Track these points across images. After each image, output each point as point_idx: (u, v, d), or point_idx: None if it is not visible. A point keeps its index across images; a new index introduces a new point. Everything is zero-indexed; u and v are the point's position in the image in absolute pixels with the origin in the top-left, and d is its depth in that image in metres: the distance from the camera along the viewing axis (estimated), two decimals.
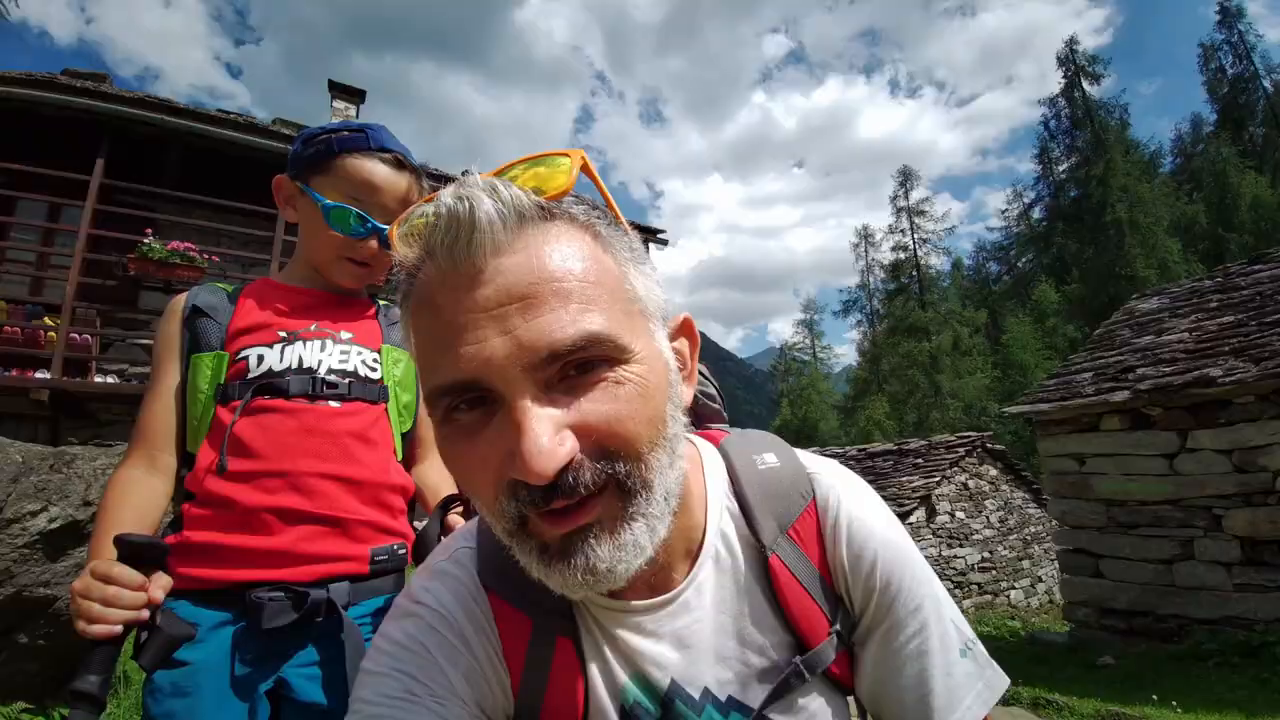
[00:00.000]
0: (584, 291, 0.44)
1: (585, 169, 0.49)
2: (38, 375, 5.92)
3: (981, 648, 0.61)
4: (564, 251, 0.45)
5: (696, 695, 0.56)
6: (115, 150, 6.67)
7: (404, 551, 1.03)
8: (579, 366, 0.43)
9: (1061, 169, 36.73)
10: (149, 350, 7.14)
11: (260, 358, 0.99)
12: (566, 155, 0.49)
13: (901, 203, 41.13)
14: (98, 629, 0.73)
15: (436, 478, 1.13)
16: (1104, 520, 6.35)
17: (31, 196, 6.33)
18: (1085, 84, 36.16)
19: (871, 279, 43.19)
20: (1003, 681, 0.60)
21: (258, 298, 1.06)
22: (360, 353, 1.06)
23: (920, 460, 11.68)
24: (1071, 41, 36.83)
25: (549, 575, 0.46)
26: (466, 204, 0.43)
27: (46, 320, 6.17)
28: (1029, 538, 11.98)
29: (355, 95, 10.81)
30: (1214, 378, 5.54)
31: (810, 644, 0.57)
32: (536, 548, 0.46)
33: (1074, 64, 36.51)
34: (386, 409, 1.06)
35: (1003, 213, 41.33)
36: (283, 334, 1.02)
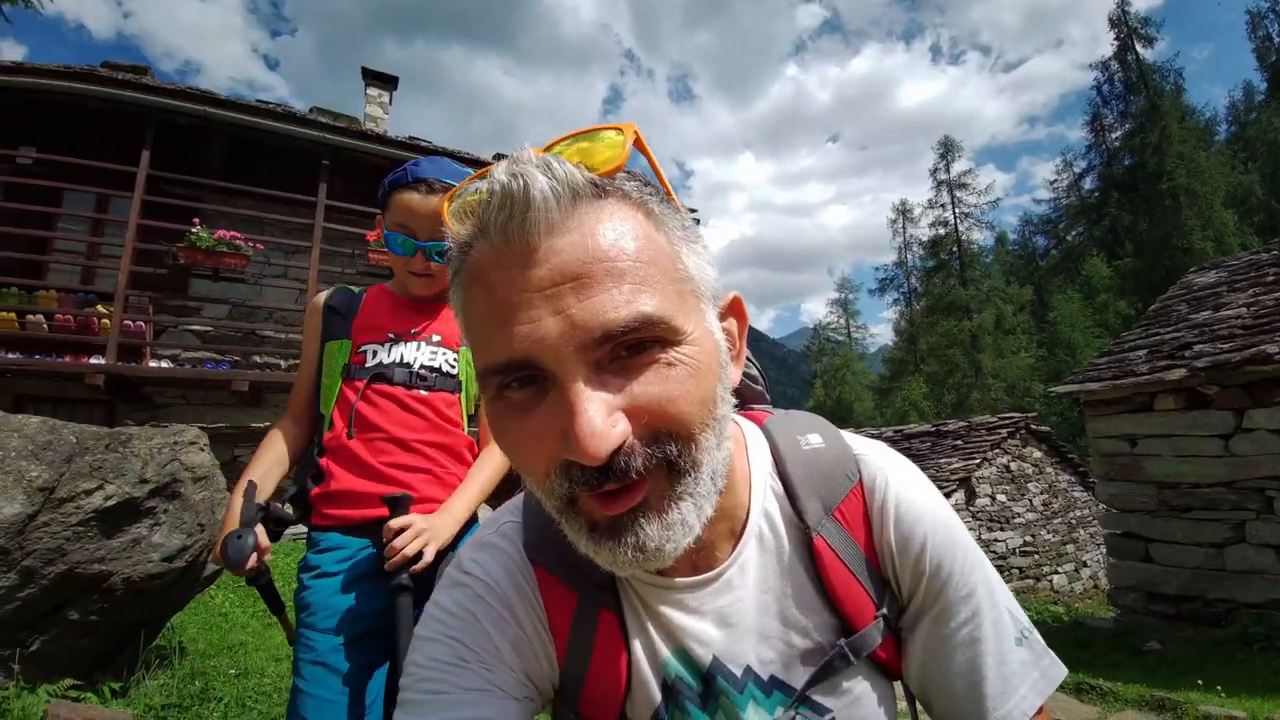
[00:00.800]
0: (637, 271, 0.44)
1: (638, 143, 0.48)
2: (92, 361, 6.22)
3: (1038, 636, 0.58)
4: (618, 230, 0.45)
5: (739, 673, 0.56)
6: (160, 142, 6.89)
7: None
8: (630, 347, 0.43)
9: (1115, 136, 34.75)
10: (200, 335, 7.48)
11: (374, 352, 1.33)
12: (619, 129, 0.48)
13: (942, 176, 39.70)
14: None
15: (483, 458, 1.39)
16: (1155, 503, 6.11)
17: (78, 188, 6.59)
18: (1139, 47, 34.03)
19: (910, 256, 42.01)
20: (1060, 671, 0.58)
21: (374, 303, 1.40)
22: (445, 353, 1.38)
23: (959, 442, 11.40)
24: (1124, 2, 34.65)
25: (598, 552, 0.47)
26: (520, 181, 0.43)
27: (99, 308, 6.46)
28: (1074, 521, 11.62)
29: (388, 82, 10.92)
30: (1271, 355, 5.23)
31: (855, 627, 0.57)
32: (586, 525, 0.46)
33: (1126, 25, 34.35)
34: (460, 397, 1.39)
35: (1051, 184, 39.44)
36: (390, 335, 1.36)
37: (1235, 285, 6.93)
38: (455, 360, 1.38)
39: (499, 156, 10.16)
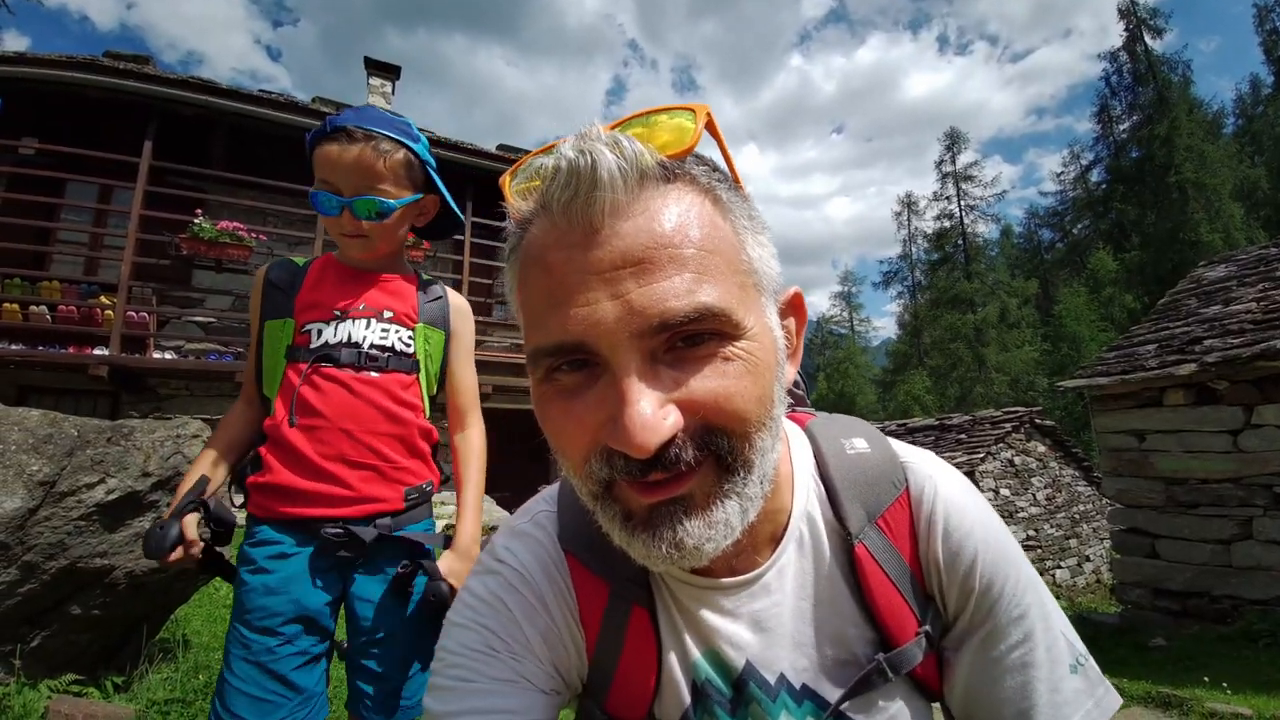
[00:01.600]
0: (701, 260, 0.42)
1: (709, 126, 0.46)
2: (95, 352, 6.21)
3: (1094, 664, 0.55)
4: (684, 216, 0.43)
5: (772, 680, 0.54)
6: (163, 132, 6.85)
7: (430, 488, 1.29)
8: (688, 339, 0.42)
9: (1123, 128, 34.42)
10: (204, 326, 7.48)
11: (319, 332, 1.21)
12: (691, 110, 0.46)
13: (948, 168, 39.43)
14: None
15: (465, 450, 1.34)
16: (1162, 499, 6.08)
17: (81, 179, 6.56)
18: (1147, 38, 33.68)
19: (914, 249, 41.84)
20: (1115, 701, 0.54)
21: (319, 276, 1.27)
22: (398, 330, 1.26)
23: (964, 436, 11.36)
24: None
25: (631, 544, 0.45)
26: (588, 158, 0.41)
27: (103, 299, 6.44)
28: (1077, 516, 11.60)
29: (391, 72, 10.84)
30: None
31: (895, 642, 0.54)
32: (620, 514, 0.45)
33: (1135, 16, 33.97)
34: (419, 378, 1.27)
35: (1058, 176, 39.12)
36: (336, 312, 1.23)
37: (1245, 280, 6.86)
38: (411, 338, 1.27)
39: (502, 147, 10.12)
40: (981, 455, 10.50)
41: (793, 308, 0.53)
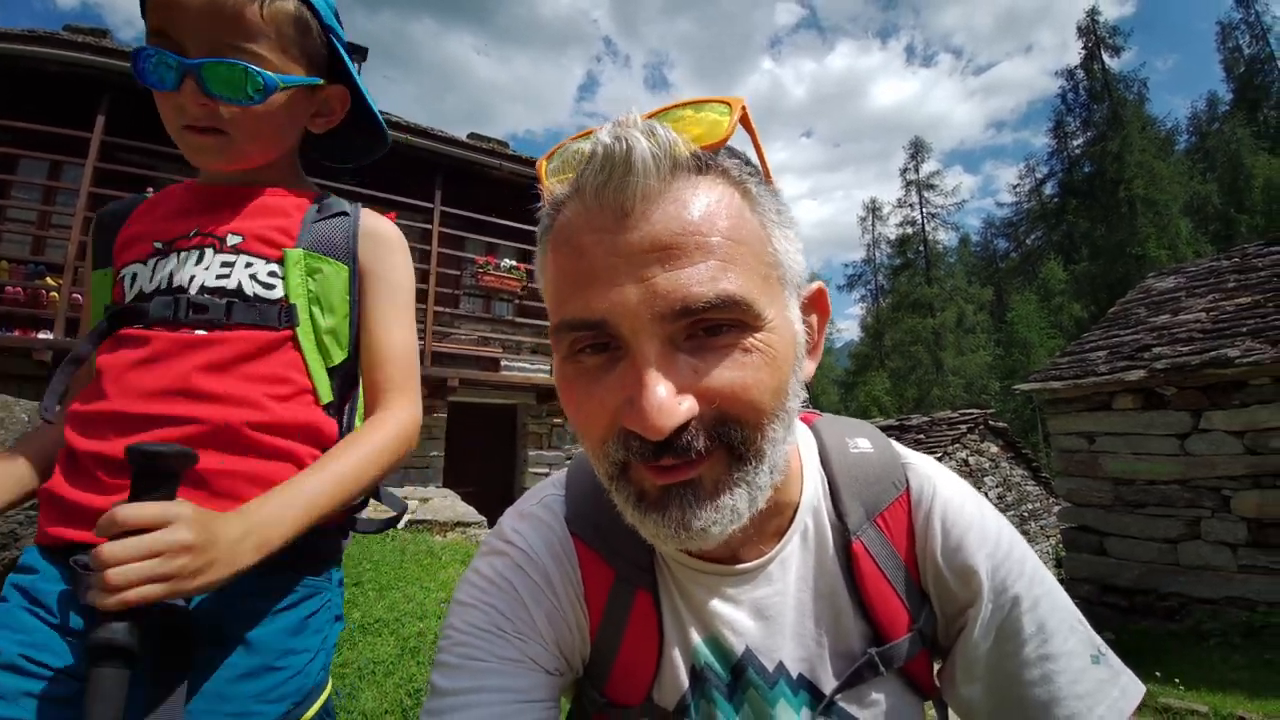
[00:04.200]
0: (727, 250, 0.43)
1: (744, 120, 0.47)
2: (40, 336, 5.86)
3: (1113, 654, 0.56)
4: (713, 206, 0.44)
5: (770, 667, 0.55)
6: (116, 108, 6.49)
7: (346, 542, 0.84)
8: (709, 328, 0.43)
9: (1076, 144, 36.11)
10: None
11: (134, 277, 0.79)
12: (727, 103, 0.47)
13: (911, 176, 40.60)
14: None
15: (362, 430, 0.82)
16: (1111, 499, 6.38)
17: (33, 155, 6.20)
18: (1105, 56, 35.35)
19: (878, 253, 42.90)
20: (1138, 689, 0.55)
21: (155, 202, 0.85)
22: (250, 263, 0.79)
23: (922, 436, 11.70)
24: (1093, 11, 35.77)
25: (642, 523, 0.46)
26: (623, 144, 0.42)
27: (48, 280, 6.09)
28: (1025, 514, 12.09)
29: (358, 52, 10.51)
30: (1231, 358, 5.49)
31: (888, 637, 0.56)
32: (634, 494, 0.46)
33: (1095, 34, 35.61)
34: (295, 334, 0.79)
35: (1014, 188, 40.78)
36: (158, 245, 0.79)
37: (1195, 291, 7.23)
38: (275, 274, 0.80)
39: (473, 135, 9.94)
40: (939, 455, 10.83)
41: (815, 303, 0.54)
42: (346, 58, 0.88)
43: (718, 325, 0.43)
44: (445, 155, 7.98)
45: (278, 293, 0.79)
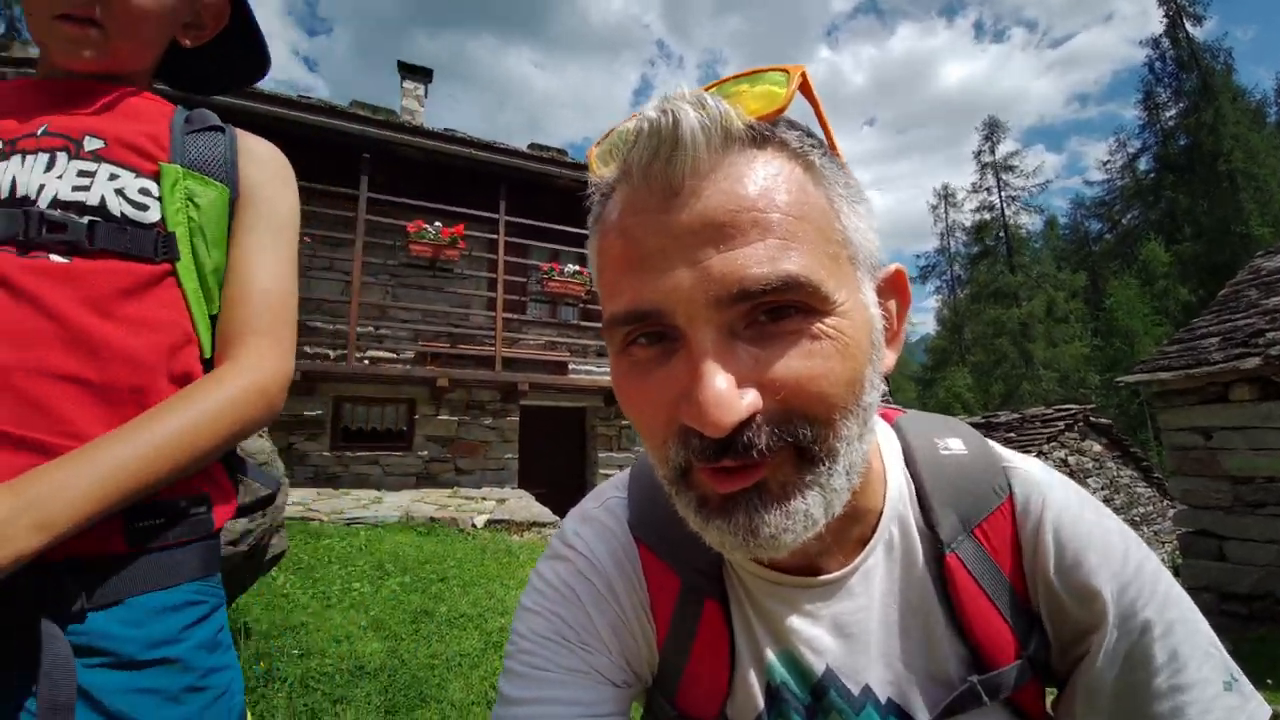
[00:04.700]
0: (788, 227, 0.39)
1: (804, 88, 0.43)
2: None
3: (1244, 677, 0.49)
4: (771, 180, 0.40)
5: (855, 690, 0.51)
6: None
7: (205, 513, 0.65)
8: (771, 313, 0.39)
9: (1169, 115, 32.99)
10: None
11: None
12: (784, 71, 0.43)
13: (986, 158, 38.33)
14: None
15: (206, 381, 0.64)
16: (1230, 499, 5.76)
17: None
18: (1188, 24, 32.27)
19: (953, 242, 40.75)
20: (1265, 712, 0.48)
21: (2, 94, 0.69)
22: (116, 174, 0.65)
23: (1013, 435, 10.98)
24: None
25: (706, 530, 0.43)
26: (670, 117, 0.39)
27: None
28: (1137, 519, 11.10)
29: (423, 74, 11.01)
30: None
31: (991, 663, 0.50)
32: (696, 499, 0.43)
33: (1174, 2, 32.52)
34: (176, 271, 0.66)
35: (1104, 165, 37.58)
36: (1, 142, 0.63)
37: None
38: (149, 191, 0.66)
39: (534, 146, 10.18)
40: (1033, 455, 10.14)
41: (894, 287, 0.49)
42: None
43: (781, 310, 0.39)
44: (508, 167, 8.21)
45: (152, 215, 0.65)
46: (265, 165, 0.76)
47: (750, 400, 0.38)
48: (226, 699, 0.63)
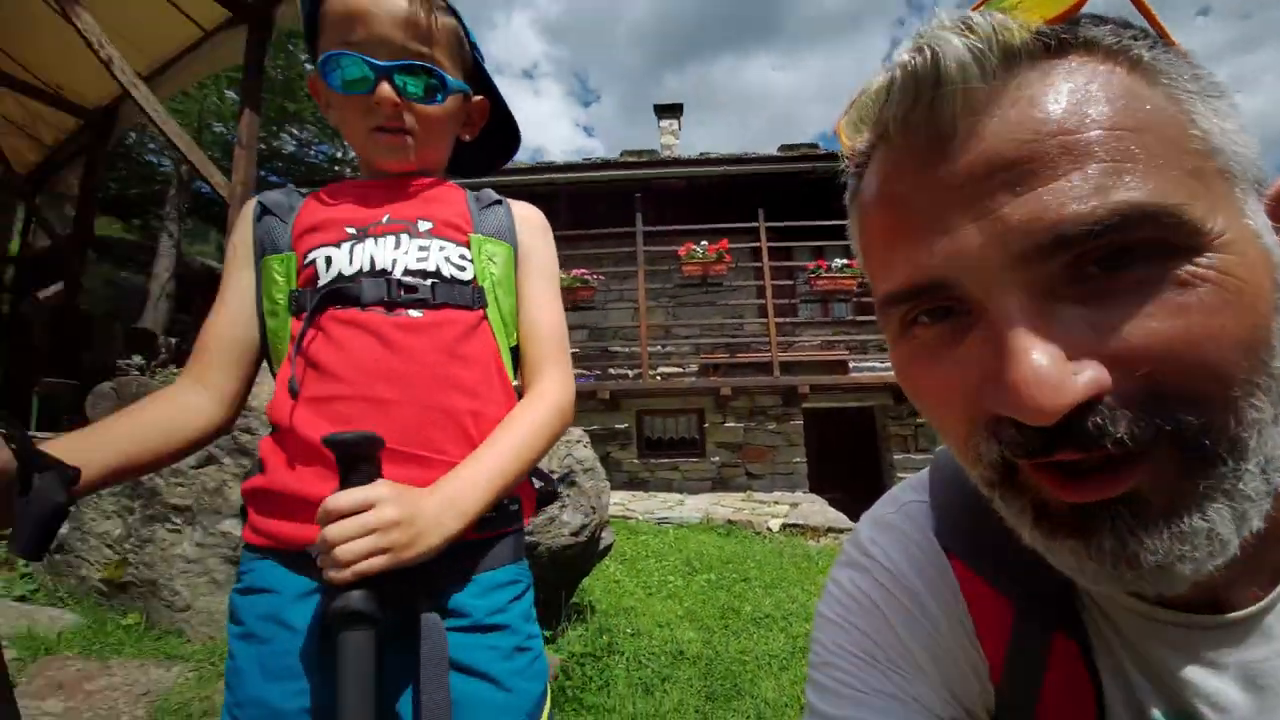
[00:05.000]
0: (1116, 144, 0.29)
1: None
2: None
3: None
4: (1081, 92, 0.30)
5: None
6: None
7: (518, 509, 0.79)
8: (1107, 260, 0.29)
9: None
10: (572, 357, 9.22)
11: (329, 260, 0.78)
12: None
13: None
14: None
15: (517, 411, 0.81)
16: None
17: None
18: None
19: None
20: None
21: (328, 193, 0.86)
22: (443, 247, 0.82)
23: None
24: None
25: (1054, 550, 0.33)
26: (927, 53, 0.31)
27: None
28: None
29: (675, 110, 11.89)
30: None
31: None
32: (1031, 508, 0.34)
33: None
34: (487, 315, 0.82)
35: None
36: (351, 230, 0.80)
37: None
38: (465, 257, 0.83)
39: (784, 147, 10.09)
40: None
41: None
42: (486, 70, 0.93)
43: (1122, 254, 0.29)
44: (761, 174, 8.34)
45: (469, 274, 0.82)
46: (535, 226, 0.93)
47: (1089, 377, 0.29)
48: (541, 660, 0.77)
